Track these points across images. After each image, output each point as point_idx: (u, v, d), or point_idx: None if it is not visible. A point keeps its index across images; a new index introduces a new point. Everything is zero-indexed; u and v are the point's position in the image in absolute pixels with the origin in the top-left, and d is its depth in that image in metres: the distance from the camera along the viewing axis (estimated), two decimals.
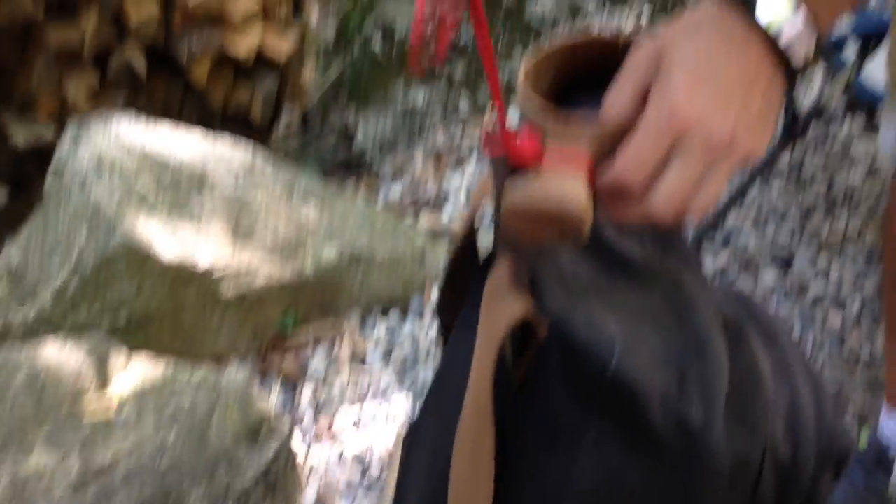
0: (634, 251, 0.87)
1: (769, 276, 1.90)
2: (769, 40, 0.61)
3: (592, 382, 0.76)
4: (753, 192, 2.12)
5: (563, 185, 0.65)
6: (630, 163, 0.60)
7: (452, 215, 2.28)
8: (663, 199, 0.61)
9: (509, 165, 0.67)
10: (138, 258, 1.71)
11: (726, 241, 2.02)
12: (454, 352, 0.96)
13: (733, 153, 0.61)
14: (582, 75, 0.74)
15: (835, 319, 1.78)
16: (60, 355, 1.49)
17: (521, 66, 0.71)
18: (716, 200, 0.64)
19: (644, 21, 2.97)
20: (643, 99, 0.63)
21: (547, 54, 0.71)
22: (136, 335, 1.76)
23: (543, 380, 0.80)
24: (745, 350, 0.93)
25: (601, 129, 0.64)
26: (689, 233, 1.86)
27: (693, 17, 0.63)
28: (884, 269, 1.31)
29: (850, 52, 1.83)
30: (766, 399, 0.97)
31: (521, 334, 0.77)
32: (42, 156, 2.33)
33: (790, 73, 0.63)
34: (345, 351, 1.83)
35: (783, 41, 0.62)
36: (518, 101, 0.68)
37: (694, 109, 0.59)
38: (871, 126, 1.85)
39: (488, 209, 0.79)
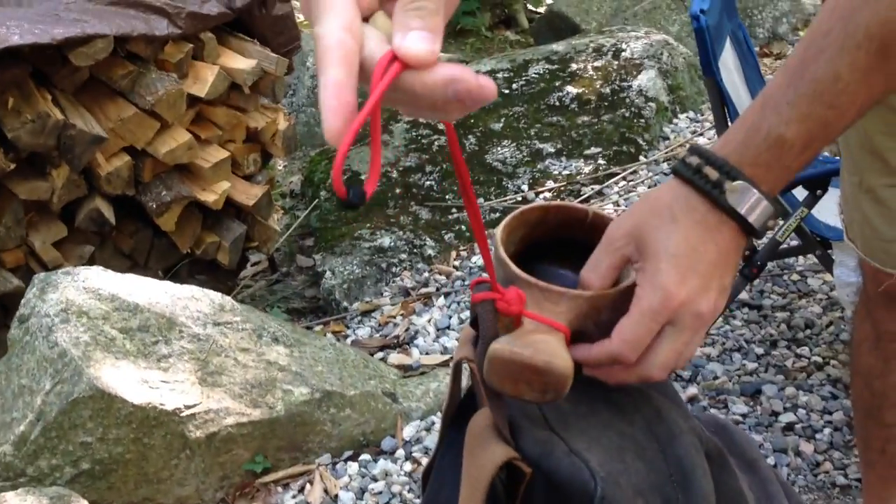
0: None
1: (739, 406, 1.92)
2: (738, 218, 0.68)
3: None
4: (718, 326, 2.17)
5: (550, 343, 0.70)
6: (628, 343, 0.68)
7: (421, 353, 2.28)
8: (658, 365, 0.70)
9: (494, 310, 0.72)
10: (104, 403, 1.68)
11: (694, 375, 2.04)
12: (437, 493, 0.94)
13: (713, 319, 0.70)
14: (551, 238, 0.80)
15: (807, 447, 1.79)
16: None
17: (498, 232, 0.77)
18: (694, 352, 0.71)
19: (600, 170, 3.09)
20: (618, 270, 0.71)
21: (522, 212, 0.78)
22: (99, 483, 1.70)
23: None
24: (728, 481, 0.93)
25: (577, 296, 0.71)
26: None
27: (664, 199, 0.70)
28: (853, 401, 1.33)
29: (800, 190, 1.93)
30: None
31: (509, 474, 0.77)
32: (5, 304, 2.31)
33: (758, 237, 0.71)
34: (316, 492, 1.78)
35: (745, 211, 0.67)
36: (495, 263, 0.74)
37: (683, 295, 0.67)
38: (826, 259, 1.92)
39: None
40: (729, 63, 2.18)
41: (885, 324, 1.25)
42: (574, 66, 3.53)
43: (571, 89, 3.41)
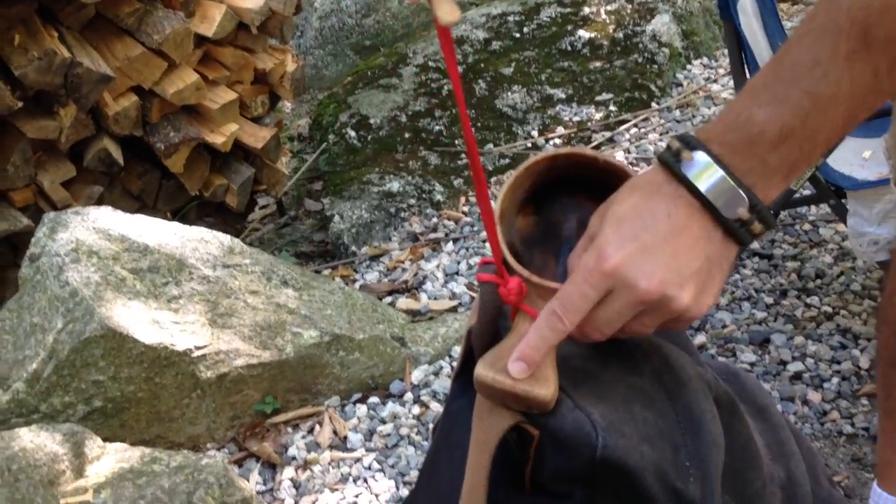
0: None
1: (747, 354, 1.92)
2: (693, 190, 0.63)
3: (586, 466, 0.76)
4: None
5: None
6: (560, 299, 0.67)
7: (430, 298, 2.28)
8: (594, 328, 0.68)
9: (496, 294, 0.75)
10: (115, 342, 1.69)
11: (703, 323, 2.05)
12: (448, 434, 0.95)
13: (663, 305, 0.65)
14: (563, 179, 0.80)
15: (814, 396, 1.80)
16: (35, 442, 1.45)
17: (499, 200, 0.77)
18: (643, 333, 0.71)
19: (611, 116, 3.06)
20: None
21: (527, 167, 0.78)
22: (112, 421, 1.72)
23: (543, 476, 0.80)
24: (739, 427, 0.94)
25: None
26: None
27: (636, 178, 0.68)
28: (878, 350, 1.32)
29: None
30: (762, 476, 0.97)
31: (519, 436, 0.78)
32: (15, 243, 2.31)
33: (737, 235, 0.65)
34: (325, 433, 1.80)
35: (696, 180, 0.63)
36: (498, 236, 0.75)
37: (617, 258, 0.64)
38: (840, 209, 1.91)
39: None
40: (747, 7, 2.14)
41: None
42: (586, 10, 3.47)
43: (583, 34, 3.36)
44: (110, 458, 1.47)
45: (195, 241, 1.98)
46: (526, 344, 0.69)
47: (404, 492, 1.66)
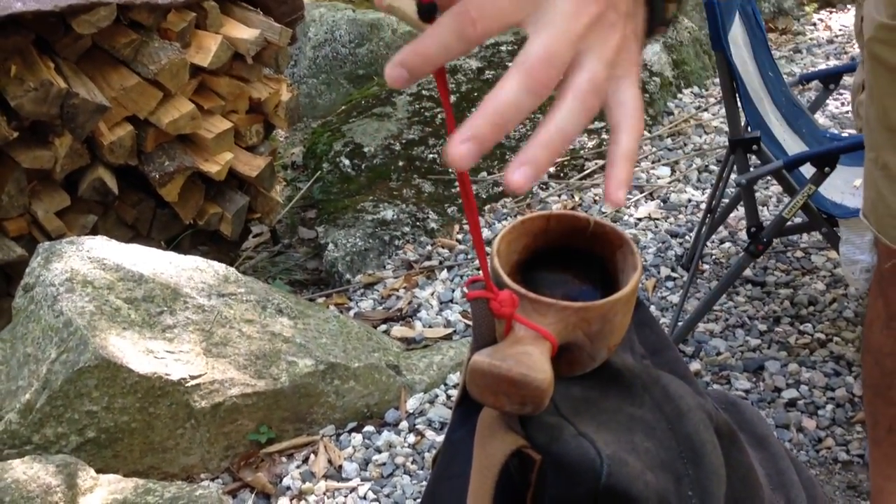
0: (626, 361, 0.89)
1: (741, 382, 1.93)
2: None
3: (588, 494, 0.76)
4: (721, 302, 2.17)
5: (531, 356, 0.70)
6: None
7: (424, 326, 2.28)
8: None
9: (488, 310, 0.73)
10: (109, 372, 1.68)
11: (697, 351, 2.05)
12: (448, 465, 0.95)
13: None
14: (553, 247, 0.80)
15: (809, 423, 1.80)
16: (28, 474, 1.43)
17: (496, 241, 0.77)
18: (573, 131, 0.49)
19: (603, 144, 3.08)
20: None
21: (523, 222, 0.78)
22: (105, 452, 1.71)
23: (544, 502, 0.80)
24: (740, 457, 0.94)
25: (566, 307, 0.71)
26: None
27: None
28: (863, 378, 1.33)
29: (808, 167, 1.92)
30: None
31: (521, 462, 0.78)
32: (8, 273, 2.30)
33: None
34: (320, 463, 1.79)
35: None
36: (490, 272, 0.74)
37: None
38: (832, 237, 1.92)
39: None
40: (738, 38, 2.17)
41: None
42: None
43: None
44: (103, 489, 1.45)
45: (190, 270, 1.98)
46: (413, 49, 0.51)
47: None
